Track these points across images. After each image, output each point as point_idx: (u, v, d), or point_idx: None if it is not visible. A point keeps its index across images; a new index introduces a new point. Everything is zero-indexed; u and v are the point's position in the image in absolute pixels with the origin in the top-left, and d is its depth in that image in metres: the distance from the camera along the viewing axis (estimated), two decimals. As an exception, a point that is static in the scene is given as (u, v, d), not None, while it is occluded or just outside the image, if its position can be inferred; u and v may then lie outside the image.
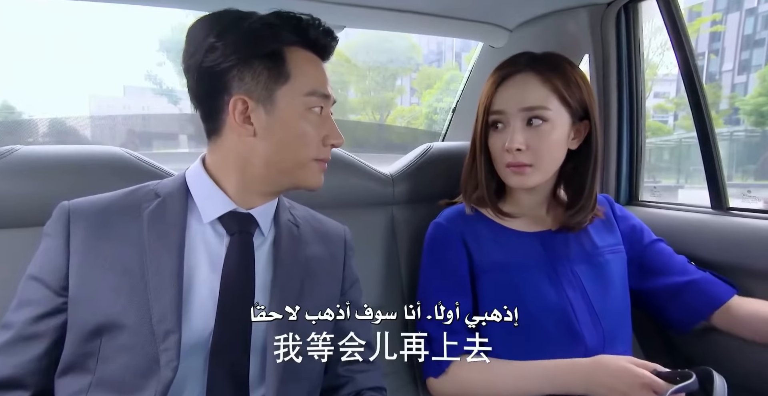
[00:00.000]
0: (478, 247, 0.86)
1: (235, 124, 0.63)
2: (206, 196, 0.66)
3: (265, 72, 0.62)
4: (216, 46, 0.60)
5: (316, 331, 0.69)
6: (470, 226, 0.88)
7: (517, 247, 0.86)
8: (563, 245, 0.87)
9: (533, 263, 0.85)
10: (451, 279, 0.86)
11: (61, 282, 0.60)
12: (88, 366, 0.59)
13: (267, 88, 0.62)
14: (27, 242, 0.77)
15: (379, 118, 12.22)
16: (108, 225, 0.63)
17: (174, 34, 8.10)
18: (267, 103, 0.62)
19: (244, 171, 0.65)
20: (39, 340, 0.60)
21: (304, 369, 0.68)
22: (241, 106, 0.62)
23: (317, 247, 0.75)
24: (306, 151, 0.65)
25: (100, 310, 0.59)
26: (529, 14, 1.19)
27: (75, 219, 0.63)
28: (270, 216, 0.71)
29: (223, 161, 0.66)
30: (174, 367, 0.57)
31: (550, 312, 0.80)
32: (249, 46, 0.61)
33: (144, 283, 0.60)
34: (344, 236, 0.81)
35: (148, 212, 0.64)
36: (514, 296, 0.82)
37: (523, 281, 0.83)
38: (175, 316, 0.59)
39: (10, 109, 4.77)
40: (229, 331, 0.62)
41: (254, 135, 0.63)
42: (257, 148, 0.64)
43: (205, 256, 0.65)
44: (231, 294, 0.63)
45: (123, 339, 0.59)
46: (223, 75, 0.61)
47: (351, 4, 1.06)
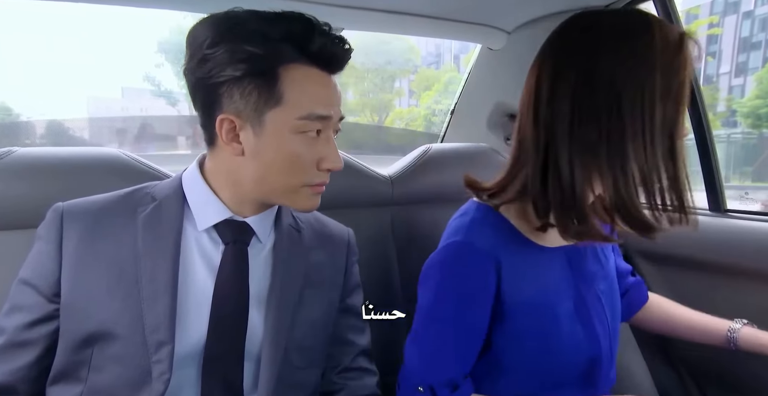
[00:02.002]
0: (512, 278, 0.65)
1: (221, 142, 0.60)
2: (202, 203, 0.64)
3: (255, 92, 0.57)
4: (208, 57, 0.56)
5: (312, 340, 0.68)
6: (506, 247, 0.65)
7: (546, 271, 0.68)
8: (584, 259, 0.72)
9: (563, 292, 0.68)
10: (470, 335, 0.66)
11: (53, 288, 0.59)
12: (80, 375, 0.58)
13: (256, 110, 0.58)
14: (24, 244, 0.77)
15: (377, 119, 12.24)
16: (102, 229, 0.61)
17: (172, 35, 8.11)
18: (255, 124, 0.58)
19: (235, 186, 0.63)
20: (31, 347, 0.58)
21: (299, 378, 0.67)
22: (228, 126, 0.58)
23: (319, 253, 0.72)
24: (296, 176, 0.61)
25: (92, 317, 0.57)
26: (527, 16, 1.19)
27: (68, 222, 0.61)
28: (269, 223, 0.69)
29: (217, 171, 0.64)
30: (166, 380, 0.56)
31: (576, 363, 0.68)
32: (240, 63, 0.56)
33: (137, 291, 0.58)
34: (348, 240, 0.78)
35: (143, 217, 0.62)
36: (540, 345, 0.66)
37: (554, 326, 0.66)
38: (168, 327, 0.57)
39: (7, 110, 4.77)
40: (222, 342, 0.60)
41: (242, 154, 0.60)
42: (246, 168, 0.61)
43: (201, 264, 0.63)
44: (225, 304, 0.61)
45: (115, 348, 0.57)
46: (215, 89, 0.58)
47: (349, 7, 1.06)
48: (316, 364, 0.70)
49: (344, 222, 0.82)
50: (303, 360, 0.67)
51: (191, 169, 0.67)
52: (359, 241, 0.81)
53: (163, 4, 1.02)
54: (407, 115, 12.76)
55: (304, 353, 0.67)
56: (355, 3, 1.06)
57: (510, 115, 1.37)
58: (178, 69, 0.64)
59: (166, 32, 8.15)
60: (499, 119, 1.40)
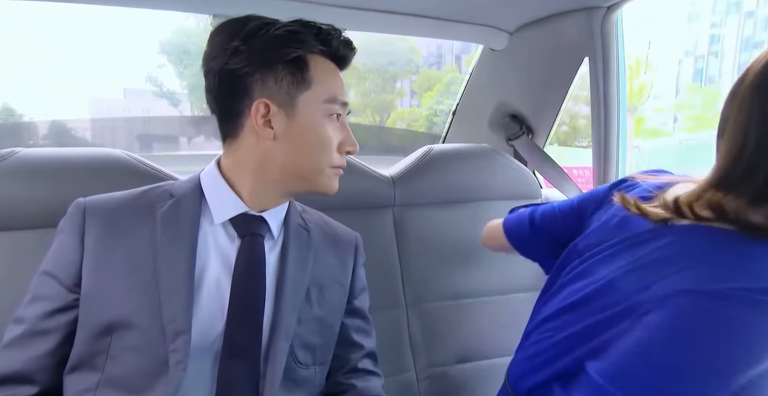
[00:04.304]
0: None
1: (255, 127, 0.63)
2: (219, 198, 0.67)
3: (288, 77, 0.63)
4: (241, 49, 0.61)
5: (317, 338, 0.70)
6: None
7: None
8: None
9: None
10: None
11: (74, 278, 0.61)
12: (97, 364, 0.59)
13: (289, 93, 0.63)
14: (27, 244, 0.77)
15: (379, 120, 12.25)
16: (122, 224, 0.64)
17: (174, 36, 8.14)
18: (288, 107, 0.63)
19: (260, 174, 0.66)
20: (50, 335, 0.60)
21: (302, 375, 0.68)
22: (263, 110, 0.63)
23: (327, 254, 0.75)
24: (324, 157, 0.66)
25: (111, 308, 0.59)
26: (529, 17, 1.19)
27: (90, 216, 0.63)
28: (280, 219, 0.71)
29: (238, 163, 0.67)
30: (183, 368, 0.58)
31: None
32: (274, 51, 0.62)
33: (156, 284, 0.60)
34: (355, 244, 0.81)
35: (161, 213, 0.65)
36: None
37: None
38: (185, 318, 0.59)
39: (10, 111, 4.78)
40: (240, 333, 0.62)
41: (274, 139, 0.64)
42: (275, 152, 0.65)
43: (216, 258, 0.65)
44: (242, 296, 0.63)
45: (133, 338, 0.59)
46: (246, 78, 0.62)
47: (351, 7, 1.07)
48: (320, 363, 0.71)
49: (346, 223, 0.83)
50: (307, 357, 0.68)
51: (210, 167, 0.70)
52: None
53: (164, 5, 1.02)
54: (409, 115, 12.77)
55: (308, 351, 0.68)
56: (357, 4, 1.06)
57: (512, 115, 1.37)
58: (180, 69, 0.66)
59: (168, 33, 8.17)
60: (500, 120, 1.40)
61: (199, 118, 3.76)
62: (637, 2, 1.06)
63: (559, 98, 1.28)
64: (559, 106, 1.30)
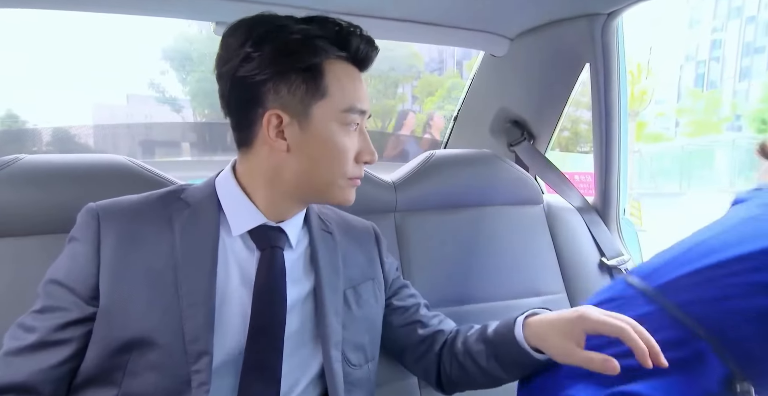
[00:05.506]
0: None
1: (268, 139, 0.60)
2: (236, 208, 0.64)
3: (302, 86, 0.59)
4: (252, 56, 0.58)
5: (364, 336, 0.70)
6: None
7: None
8: None
9: None
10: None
11: (91, 291, 0.58)
12: (114, 379, 0.57)
13: (303, 103, 0.59)
14: (31, 250, 0.78)
15: (380, 125, 12.27)
16: (138, 234, 0.61)
17: (176, 43, 8.20)
18: (302, 118, 0.60)
19: (274, 185, 0.63)
20: (62, 347, 0.57)
21: (357, 375, 0.68)
22: (275, 121, 0.59)
23: (353, 253, 0.74)
24: (339, 169, 0.62)
25: (132, 324, 0.57)
26: (530, 23, 1.20)
27: (105, 223, 0.60)
28: (298, 227, 0.69)
29: (252, 172, 0.64)
30: (206, 390, 0.56)
31: None
32: (287, 59, 0.58)
33: (177, 300, 0.58)
34: (374, 234, 0.80)
35: (179, 223, 0.62)
36: None
37: None
38: (208, 337, 0.57)
39: (14, 117, 4.81)
40: (261, 351, 0.61)
41: (287, 150, 0.61)
42: (289, 164, 0.62)
43: (236, 272, 0.63)
44: (263, 312, 0.61)
45: (154, 356, 0.57)
46: (259, 87, 0.59)
47: (352, 14, 1.07)
48: (370, 359, 0.72)
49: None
50: (359, 358, 0.69)
51: (225, 173, 0.67)
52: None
53: (167, 13, 1.03)
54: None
55: (359, 351, 0.69)
56: (359, 11, 1.06)
57: (513, 121, 1.37)
58: (183, 76, 0.65)
59: (171, 40, 8.23)
60: (502, 125, 1.40)
61: (202, 124, 3.79)
62: (638, 8, 1.07)
63: (560, 104, 1.29)
64: (560, 112, 1.30)
